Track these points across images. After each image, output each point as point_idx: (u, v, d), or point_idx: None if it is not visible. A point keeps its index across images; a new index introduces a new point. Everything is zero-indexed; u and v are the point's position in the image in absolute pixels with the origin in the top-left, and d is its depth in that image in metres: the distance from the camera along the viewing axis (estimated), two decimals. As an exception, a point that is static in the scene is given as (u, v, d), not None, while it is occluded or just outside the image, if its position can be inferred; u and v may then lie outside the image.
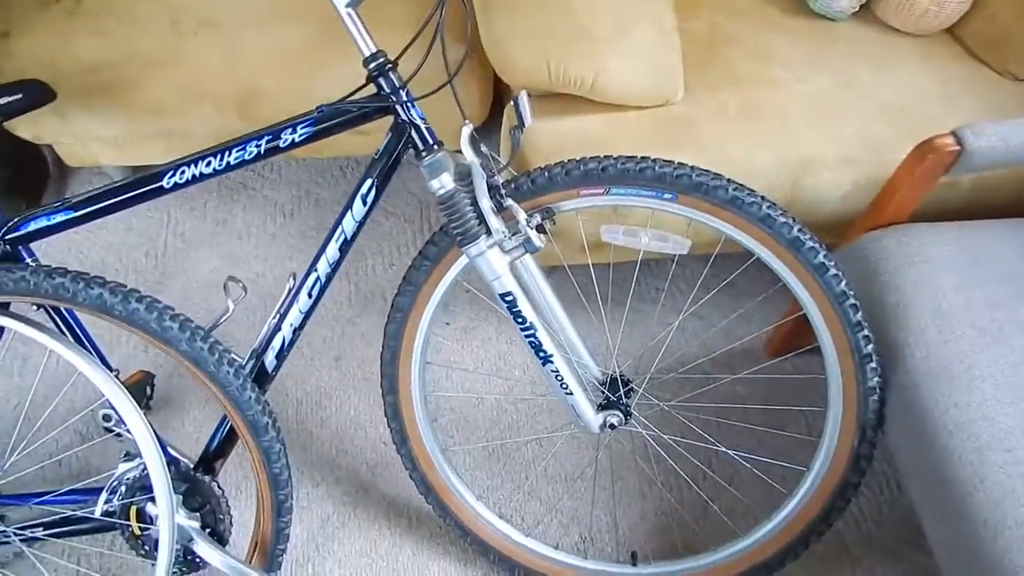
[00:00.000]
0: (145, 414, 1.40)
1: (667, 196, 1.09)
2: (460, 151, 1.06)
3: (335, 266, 1.19)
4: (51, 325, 1.18)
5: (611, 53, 1.23)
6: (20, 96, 1.14)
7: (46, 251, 1.70)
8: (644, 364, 1.52)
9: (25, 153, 1.68)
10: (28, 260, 1.20)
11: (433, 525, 1.41)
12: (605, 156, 1.09)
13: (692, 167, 1.07)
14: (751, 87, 1.35)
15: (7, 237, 1.18)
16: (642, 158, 1.08)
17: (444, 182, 1.07)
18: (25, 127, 1.48)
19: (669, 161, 1.08)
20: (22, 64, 1.36)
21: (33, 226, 1.17)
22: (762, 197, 1.06)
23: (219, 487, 1.21)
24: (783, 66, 1.38)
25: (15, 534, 1.29)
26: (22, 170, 1.70)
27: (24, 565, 1.37)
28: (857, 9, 1.46)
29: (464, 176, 1.09)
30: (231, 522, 1.21)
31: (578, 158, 1.11)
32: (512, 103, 1.12)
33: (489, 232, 1.07)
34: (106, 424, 1.32)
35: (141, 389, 1.45)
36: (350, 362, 1.60)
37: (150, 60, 1.37)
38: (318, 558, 1.38)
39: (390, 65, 1.06)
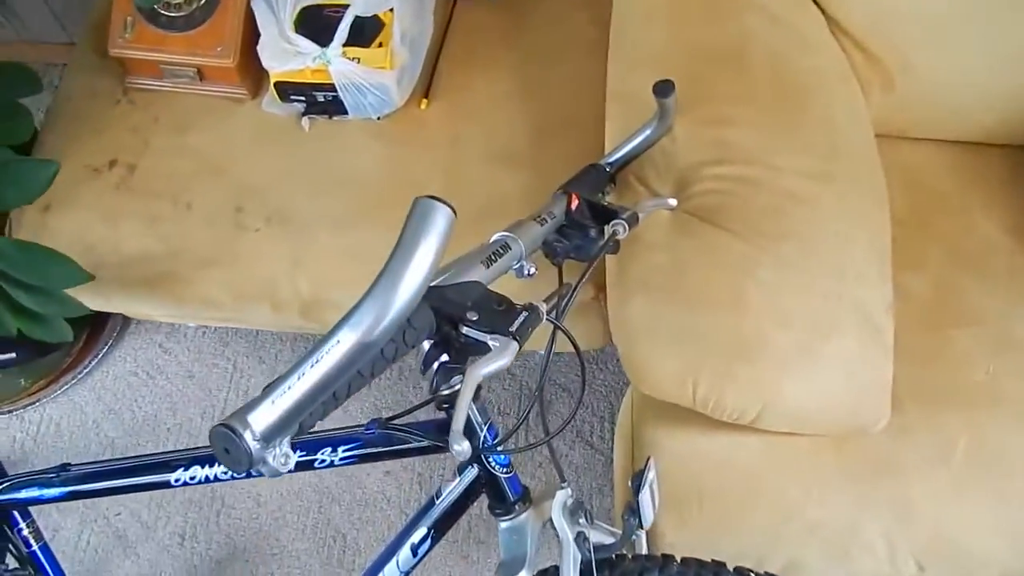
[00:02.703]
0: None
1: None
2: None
3: (369, 616, 0.90)
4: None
5: (792, 377, 0.84)
6: (13, 355, 0.91)
7: (109, 386, 1.54)
8: None
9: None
10: (23, 525, 1.01)
11: None
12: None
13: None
14: (996, 416, 0.93)
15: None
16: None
17: (520, 583, 0.76)
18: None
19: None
20: (59, 245, 1.14)
21: (24, 494, 0.97)
22: None
23: None
24: (1047, 380, 0.95)
25: None
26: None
27: None
28: None
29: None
30: None
31: (716, 568, 0.76)
32: (631, 483, 0.77)
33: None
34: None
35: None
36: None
37: (202, 258, 1.12)
38: None
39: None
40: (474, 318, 0.58)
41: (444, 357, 0.62)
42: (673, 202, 0.91)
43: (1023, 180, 1.10)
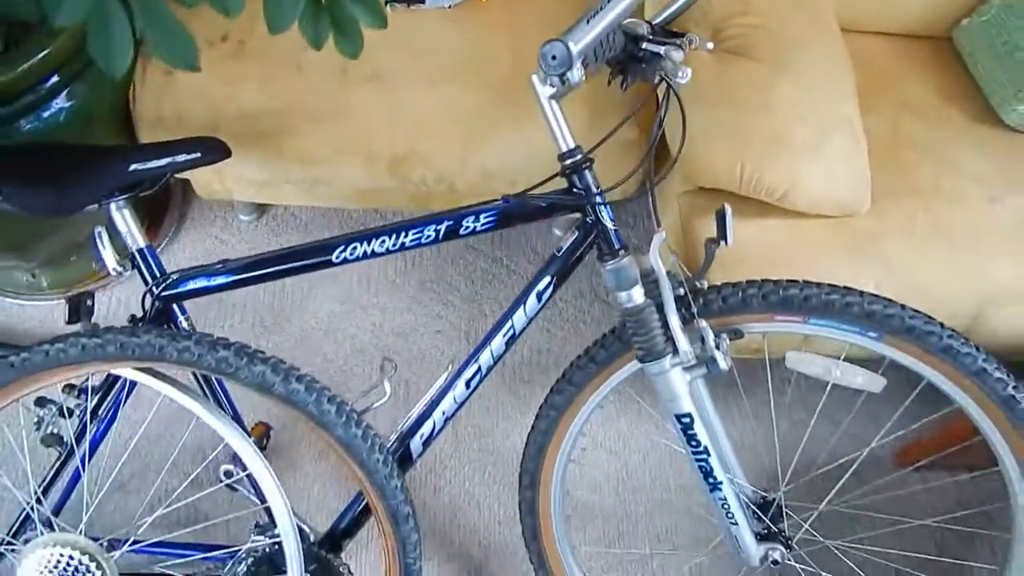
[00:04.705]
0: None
1: (872, 334, 1.02)
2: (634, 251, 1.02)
3: (498, 358, 1.14)
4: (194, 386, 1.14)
5: (810, 163, 1.16)
6: (198, 155, 1.10)
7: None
8: (814, 491, 1.26)
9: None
10: (182, 319, 1.17)
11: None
12: (806, 283, 1.02)
13: (903, 307, 1.00)
14: (939, 201, 1.27)
15: (164, 294, 1.14)
16: (848, 290, 1.01)
17: (634, 296, 1.01)
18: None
19: (878, 297, 1.00)
20: (184, 106, 1.32)
21: (191, 285, 1.13)
22: (977, 348, 0.99)
23: (350, 572, 1.17)
24: (974, 181, 1.30)
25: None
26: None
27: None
28: (1056, 126, 1.37)
29: (647, 277, 1.03)
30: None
31: (775, 280, 1.04)
32: (716, 215, 1.05)
33: (676, 351, 1.01)
34: (225, 480, 1.28)
35: (259, 442, 1.41)
36: (466, 428, 1.55)
37: (310, 111, 1.33)
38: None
39: (588, 164, 1.00)
40: (651, 36, 0.85)
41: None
42: (710, 45, 1.20)
43: (941, 60, 1.48)
